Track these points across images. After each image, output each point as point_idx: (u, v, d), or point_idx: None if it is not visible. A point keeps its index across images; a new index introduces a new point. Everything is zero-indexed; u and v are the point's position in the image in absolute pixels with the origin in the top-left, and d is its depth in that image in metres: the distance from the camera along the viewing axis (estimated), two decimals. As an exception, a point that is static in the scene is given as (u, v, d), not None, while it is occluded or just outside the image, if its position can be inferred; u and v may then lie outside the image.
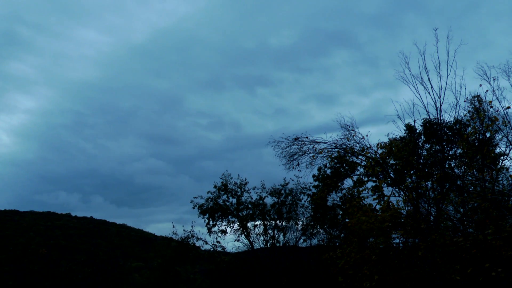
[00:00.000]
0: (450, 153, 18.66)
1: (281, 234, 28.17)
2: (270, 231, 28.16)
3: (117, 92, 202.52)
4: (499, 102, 14.73)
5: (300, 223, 28.05)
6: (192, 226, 28.51)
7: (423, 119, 19.33)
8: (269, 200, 28.25)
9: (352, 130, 18.77)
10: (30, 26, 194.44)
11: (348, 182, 23.09)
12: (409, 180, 18.01)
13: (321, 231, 27.14)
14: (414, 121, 17.87)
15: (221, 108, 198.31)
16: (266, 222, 28.15)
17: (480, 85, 15.32)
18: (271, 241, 28.07)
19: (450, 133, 18.49)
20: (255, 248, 28.27)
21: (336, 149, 19.20)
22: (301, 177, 24.24)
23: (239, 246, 28.57)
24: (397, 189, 18.08)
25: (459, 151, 18.20)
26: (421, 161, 18.14)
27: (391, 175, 18.31)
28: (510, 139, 15.68)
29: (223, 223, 28.24)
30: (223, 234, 28.05)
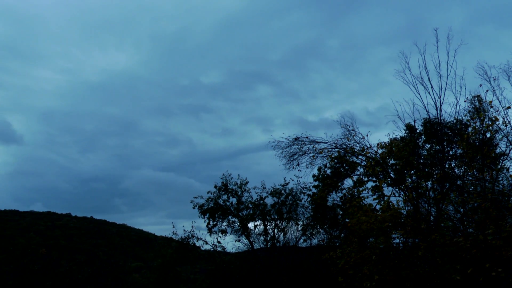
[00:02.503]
0: (450, 153, 18.66)
1: (281, 234, 28.18)
2: (270, 231, 28.18)
3: (79, 118, 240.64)
4: (499, 102, 14.73)
5: (300, 223, 28.07)
6: (192, 226, 28.55)
7: (423, 119, 19.34)
8: (269, 200, 28.27)
9: (353, 130, 18.79)
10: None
11: (348, 182, 23.10)
12: (409, 180, 18.01)
13: (321, 231, 27.15)
14: (414, 121, 17.89)
15: (173, 129, 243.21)
16: (266, 222, 28.16)
17: (480, 85, 15.33)
18: (271, 241, 28.07)
19: (450, 133, 18.49)
20: (255, 248, 28.28)
21: (336, 149, 19.21)
22: (301, 177, 24.25)
23: (239, 246, 28.60)
24: (397, 189, 18.08)
25: (459, 151, 18.20)
26: (421, 161, 18.14)
27: (391, 175, 18.31)
28: (510, 139, 15.69)
29: (224, 223, 28.26)
30: (223, 234, 28.07)
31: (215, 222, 28.04)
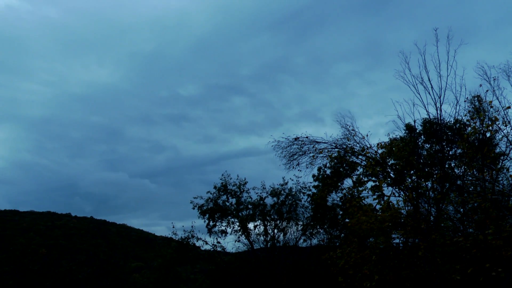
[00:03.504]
0: (450, 153, 18.65)
1: (281, 234, 28.18)
2: (270, 231, 28.17)
3: (66, 126, 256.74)
4: (499, 102, 14.73)
5: (300, 223, 28.05)
6: (192, 226, 28.53)
7: (423, 119, 19.34)
8: (269, 200, 28.25)
9: (352, 130, 18.77)
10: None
11: (348, 182, 23.08)
12: (409, 180, 18.00)
13: (321, 231, 27.14)
14: (414, 121, 17.87)
15: (157, 135, 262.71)
16: (266, 222, 28.15)
17: (480, 85, 15.33)
18: (271, 241, 28.07)
19: (450, 133, 18.48)
20: (255, 248, 28.27)
21: (336, 149, 19.19)
22: (301, 177, 24.22)
23: (239, 246, 28.59)
24: (397, 189, 18.07)
25: (459, 151, 18.19)
26: (421, 161, 18.14)
27: (391, 175, 18.30)
28: (510, 139, 15.68)
29: (223, 224, 28.25)
30: (223, 234, 28.06)
31: (214, 223, 28.04)
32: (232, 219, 28.24)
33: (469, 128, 17.13)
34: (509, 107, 14.47)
